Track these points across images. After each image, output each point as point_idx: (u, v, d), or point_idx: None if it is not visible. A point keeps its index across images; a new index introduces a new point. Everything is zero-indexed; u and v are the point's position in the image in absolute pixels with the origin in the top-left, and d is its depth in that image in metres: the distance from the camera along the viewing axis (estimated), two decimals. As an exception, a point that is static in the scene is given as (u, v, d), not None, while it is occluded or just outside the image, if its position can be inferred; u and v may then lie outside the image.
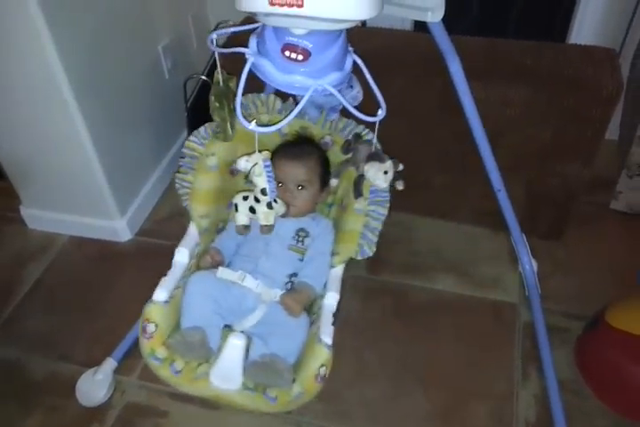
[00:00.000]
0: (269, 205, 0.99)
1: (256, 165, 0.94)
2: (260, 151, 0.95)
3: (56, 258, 1.54)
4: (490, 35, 1.28)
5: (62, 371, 1.28)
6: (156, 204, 1.67)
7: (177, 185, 1.12)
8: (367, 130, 1.11)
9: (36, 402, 1.23)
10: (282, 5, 0.65)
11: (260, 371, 0.93)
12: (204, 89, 1.54)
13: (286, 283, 1.08)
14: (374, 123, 0.88)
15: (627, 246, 1.47)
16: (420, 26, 0.90)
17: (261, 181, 0.96)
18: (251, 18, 0.73)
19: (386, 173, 0.99)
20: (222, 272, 1.05)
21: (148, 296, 1.33)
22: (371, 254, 1.06)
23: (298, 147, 1.15)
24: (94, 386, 1.21)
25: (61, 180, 1.46)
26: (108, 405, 1.22)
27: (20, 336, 1.36)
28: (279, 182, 1.11)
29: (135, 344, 1.28)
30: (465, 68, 0.96)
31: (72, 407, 1.21)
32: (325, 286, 1.04)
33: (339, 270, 1.06)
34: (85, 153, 1.37)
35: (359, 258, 1.06)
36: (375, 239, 1.06)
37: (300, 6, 0.65)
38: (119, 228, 1.55)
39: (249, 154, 0.97)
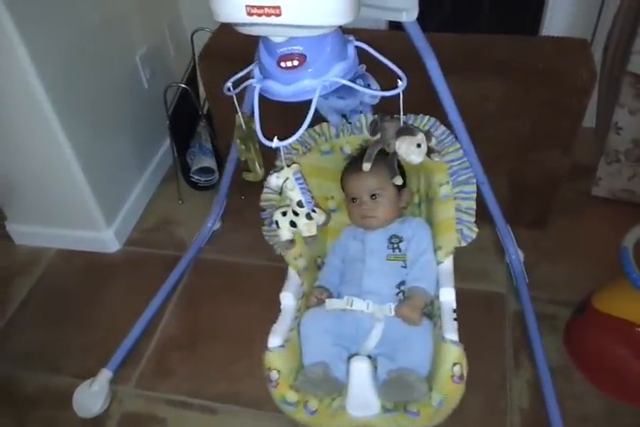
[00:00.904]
0: (309, 216, 0.99)
1: (287, 180, 0.95)
2: (287, 166, 0.95)
3: (45, 272, 1.54)
4: (463, 30, 1.29)
5: (57, 384, 1.28)
6: (142, 213, 1.67)
7: (266, 237, 1.14)
8: (422, 116, 1.09)
9: (33, 416, 1.23)
10: (260, 15, 0.66)
11: (391, 389, 0.90)
12: (184, 97, 1.54)
13: (397, 294, 1.04)
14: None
15: (610, 231, 1.48)
16: (395, 25, 0.91)
17: (295, 194, 0.96)
18: (227, 25, 0.73)
19: (419, 146, 0.94)
20: (330, 303, 1.03)
21: (139, 306, 1.36)
22: (474, 236, 1.04)
23: (356, 161, 1.13)
24: (91, 397, 1.21)
25: (46, 193, 1.46)
26: (106, 415, 1.22)
27: (13, 351, 1.35)
28: (353, 199, 1.12)
29: (129, 354, 1.30)
30: (441, 64, 0.97)
31: (69, 419, 1.21)
32: (438, 284, 1.02)
33: (448, 264, 1.05)
34: (67, 165, 1.37)
35: (464, 244, 1.04)
36: (472, 219, 1.04)
37: (278, 15, 0.66)
38: (107, 239, 1.54)
39: (278, 171, 0.97)
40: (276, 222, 1.04)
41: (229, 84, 0.87)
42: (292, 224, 1.02)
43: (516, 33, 1.30)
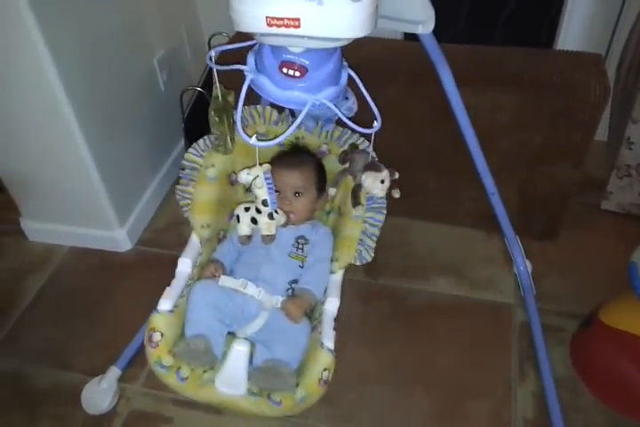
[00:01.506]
0: (270, 216, 1.01)
1: (257, 178, 0.96)
2: (260, 164, 0.97)
3: (57, 269, 1.56)
4: (477, 42, 1.31)
5: (66, 380, 1.29)
6: (154, 213, 1.69)
7: (178, 196, 1.14)
8: (362, 139, 1.14)
9: (42, 412, 1.24)
10: (279, 26, 0.68)
11: (263, 376, 0.95)
12: (200, 100, 1.56)
13: (287, 289, 1.09)
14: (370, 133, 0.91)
15: (619, 245, 1.49)
16: (411, 35, 0.92)
17: (262, 192, 0.98)
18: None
19: (382, 182, 1.01)
20: (224, 280, 1.07)
21: (149, 305, 1.34)
22: (369, 260, 1.09)
23: (293, 155, 1.18)
24: (99, 394, 1.23)
25: (61, 191, 1.48)
26: (114, 412, 1.23)
27: (24, 348, 1.37)
28: (277, 191, 1.13)
29: (138, 353, 1.31)
30: (455, 75, 0.99)
31: (78, 416, 1.22)
32: (326, 291, 1.07)
33: (338, 276, 1.08)
34: (83, 165, 1.39)
35: (358, 264, 1.08)
36: (373, 245, 1.09)
37: (297, 27, 0.67)
38: (119, 238, 1.56)
39: (249, 167, 0.99)
40: (237, 217, 1.06)
41: (213, 53, 0.89)
42: (253, 221, 1.04)
43: (530, 46, 1.31)
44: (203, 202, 1.12)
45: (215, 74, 0.90)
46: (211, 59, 0.89)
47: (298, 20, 0.67)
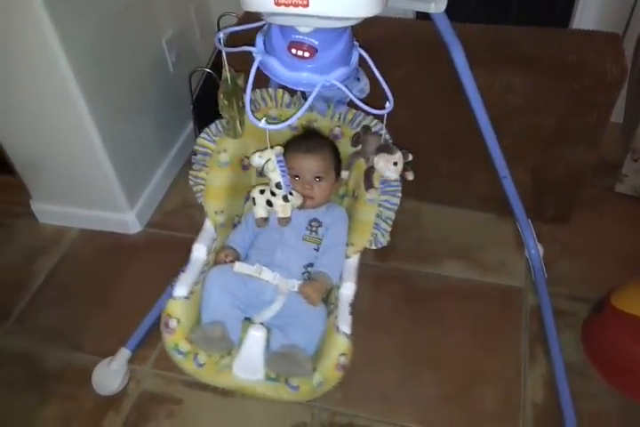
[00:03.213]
0: (285, 198, 1.01)
1: (269, 161, 0.96)
2: (271, 147, 0.96)
3: (67, 252, 1.56)
4: (491, 21, 1.28)
5: (77, 361, 1.30)
6: (164, 196, 1.69)
7: (191, 182, 1.13)
8: (376, 121, 1.11)
9: (53, 392, 1.26)
10: (287, 5, 0.66)
11: (280, 361, 0.94)
12: (209, 81, 1.54)
13: (303, 273, 1.09)
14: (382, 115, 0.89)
15: (632, 229, 1.48)
16: (423, 14, 0.90)
17: (275, 175, 0.98)
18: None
19: (395, 164, 1.00)
20: (239, 266, 1.05)
21: (158, 287, 1.37)
22: (385, 244, 1.07)
23: (309, 140, 1.15)
24: (110, 376, 1.24)
25: (70, 174, 1.48)
26: (124, 393, 1.24)
27: (35, 329, 1.38)
28: (295, 176, 1.13)
29: (148, 334, 1.32)
30: (467, 56, 0.96)
31: (88, 396, 1.24)
32: (341, 276, 1.05)
33: (354, 261, 1.07)
34: (93, 147, 1.39)
35: (373, 248, 1.07)
36: (389, 229, 1.06)
37: (306, 6, 0.66)
38: (129, 220, 1.56)
39: (261, 150, 0.98)
40: (253, 199, 1.05)
41: (222, 35, 0.87)
42: (269, 203, 1.04)
43: (545, 25, 1.28)
44: (216, 187, 1.11)
45: (224, 56, 0.89)
46: (220, 41, 0.87)
47: None
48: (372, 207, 1.08)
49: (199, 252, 1.06)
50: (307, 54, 0.75)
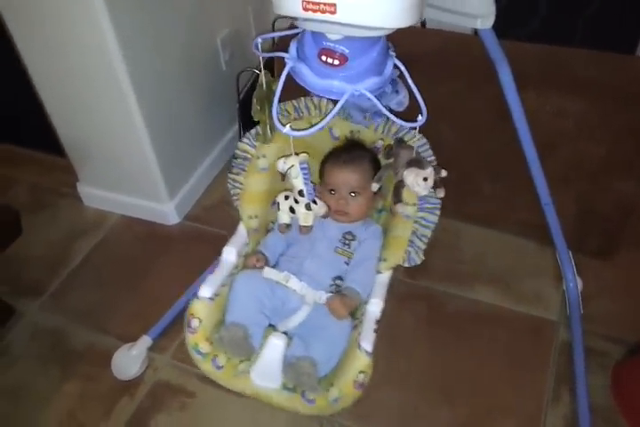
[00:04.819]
0: (308, 207, 1.00)
1: (292, 167, 0.95)
2: (297, 154, 0.95)
3: (106, 235, 1.61)
4: (554, 42, 1.23)
5: (101, 343, 1.34)
6: (205, 190, 1.71)
7: (229, 185, 1.14)
8: (419, 136, 1.08)
9: (75, 370, 1.30)
10: (315, 11, 0.65)
11: (290, 371, 0.93)
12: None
13: (331, 285, 1.06)
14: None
15: (682, 274, 1.40)
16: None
17: (298, 182, 0.97)
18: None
19: (425, 179, 0.95)
20: (268, 272, 1.05)
21: (188, 280, 1.39)
22: (418, 262, 1.03)
23: (348, 152, 1.13)
24: (129, 361, 1.27)
25: (116, 161, 1.52)
26: (140, 380, 1.27)
27: (66, 307, 1.43)
28: (331, 190, 1.11)
29: (171, 325, 1.34)
30: (520, 75, 0.93)
31: (106, 379, 1.27)
32: (370, 291, 1.03)
33: (385, 277, 1.04)
34: (139, 138, 1.42)
35: (406, 265, 1.03)
36: (423, 247, 1.03)
37: (333, 13, 0.65)
38: (168, 211, 1.59)
39: (286, 156, 0.97)
40: (278, 204, 1.04)
41: (260, 39, 0.87)
42: (292, 210, 1.03)
43: (610, 50, 1.22)
44: (252, 192, 1.11)
45: (261, 61, 0.88)
46: (257, 46, 0.87)
47: (334, 5, 0.64)
48: (408, 224, 1.05)
49: (229, 255, 1.05)
50: (337, 62, 0.74)
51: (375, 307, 0.98)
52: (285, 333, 0.99)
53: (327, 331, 0.98)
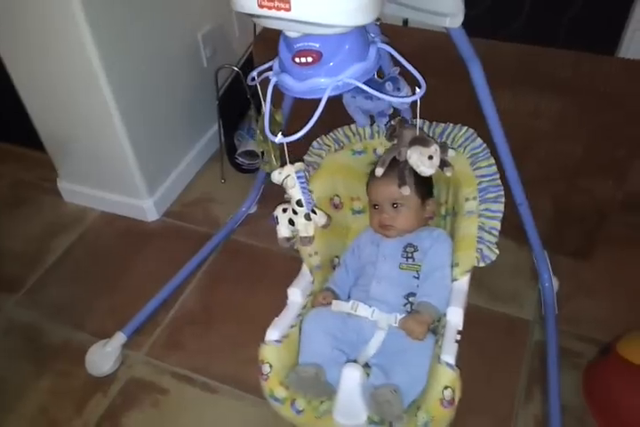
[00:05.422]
0: (307, 217, 0.97)
1: (289, 177, 0.93)
2: (291, 163, 0.93)
3: (85, 231, 1.61)
4: (537, 42, 1.22)
5: (76, 339, 1.34)
6: (185, 187, 1.71)
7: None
8: (471, 130, 1.05)
9: (48, 366, 1.29)
10: (270, 8, 0.65)
11: (371, 403, 0.87)
12: (238, 80, 1.54)
13: (404, 304, 1.01)
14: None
15: (659, 273, 1.40)
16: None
17: (295, 192, 0.94)
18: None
19: (431, 157, 0.89)
20: (336, 305, 1.01)
21: (165, 276, 1.39)
22: (493, 258, 0.98)
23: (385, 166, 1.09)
24: (103, 357, 1.26)
25: (95, 158, 1.52)
26: (114, 377, 1.27)
27: (43, 302, 1.43)
28: (375, 205, 1.09)
29: (146, 322, 1.34)
30: (496, 75, 0.92)
31: (80, 375, 1.26)
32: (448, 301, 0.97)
33: (463, 283, 0.98)
34: (116, 134, 1.41)
35: (482, 264, 0.98)
36: (495, 240, 0.98)
37: (287, 10, 0.64)
38: (146, 207, 1.59)
39: (282, 166, 0.95)
40: (276, 218, 1.02)
41: (254, 73, 0.85)
42: (291, 222, 1.00)
43: (593, 50, 1.22)
44: None
45: (261, 93, 0.85)
46: (253, 79, 0.85)
47: (288, 2, 0.63)
48: (472, 219, 1.00)
49: (294, 296, 1.03)
50: (310, 59, 0.72)
51: (454, 316, 0.93)
52: (368, 365, 0.94)
53: (407, 354, 0.93)
